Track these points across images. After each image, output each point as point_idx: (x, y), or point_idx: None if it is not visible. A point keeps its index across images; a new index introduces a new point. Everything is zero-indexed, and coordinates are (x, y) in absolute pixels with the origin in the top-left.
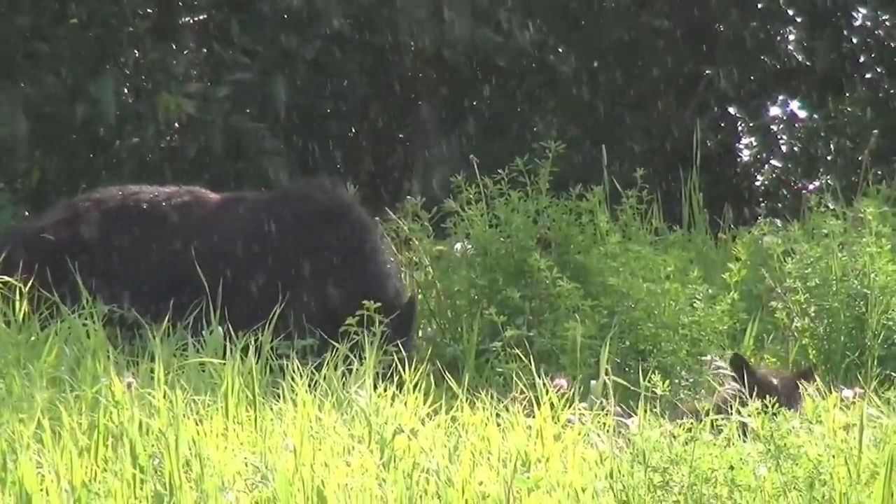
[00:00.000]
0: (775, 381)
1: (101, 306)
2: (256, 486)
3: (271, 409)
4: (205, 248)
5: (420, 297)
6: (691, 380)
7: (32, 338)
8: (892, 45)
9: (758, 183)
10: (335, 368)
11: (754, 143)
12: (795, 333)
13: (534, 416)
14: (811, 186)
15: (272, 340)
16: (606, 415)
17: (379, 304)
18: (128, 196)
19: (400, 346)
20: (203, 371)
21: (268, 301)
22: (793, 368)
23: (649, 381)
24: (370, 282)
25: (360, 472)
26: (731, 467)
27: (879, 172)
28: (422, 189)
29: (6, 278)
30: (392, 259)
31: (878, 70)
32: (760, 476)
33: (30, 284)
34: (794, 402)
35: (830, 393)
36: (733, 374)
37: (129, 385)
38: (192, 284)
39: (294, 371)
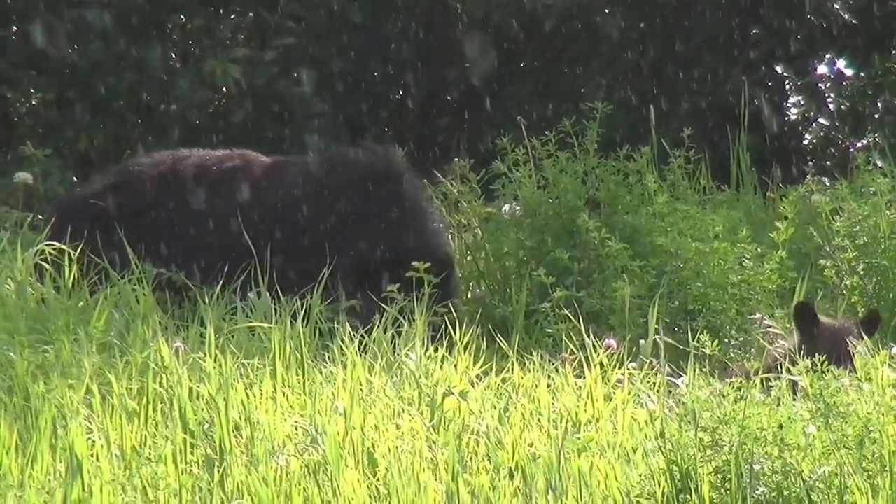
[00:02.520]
0: (844, 327)
1: (151, 270)
2: (306, 449)
3: (321, 372)
4: (256, 211)
5: (469, 258)
6: (741, 339)
7: (82, 303)
8: None
9: (805, 141)
10: (384, 331)
11: (802, 102)
12: (844, 291)
13: (583, 377)
14: (859, 144)
15: (321, 304)
16: (656, 375)
17: (428, 263)
18: (179, 160)
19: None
20: (253, 335)
21: (318, 264)
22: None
23: (698, 341)
24: (420, 242)
25: (411, 435)
26: (781, 426)
27: None
28: (470, 151)
29: (57, 244)
30: (441, 220)
31: None
32: (810, 435)
33: (80, 250)
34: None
35: (880, 350)
36: (798, 322)
37: (176, 350)
38: (243, 248)
39: (344, 334)
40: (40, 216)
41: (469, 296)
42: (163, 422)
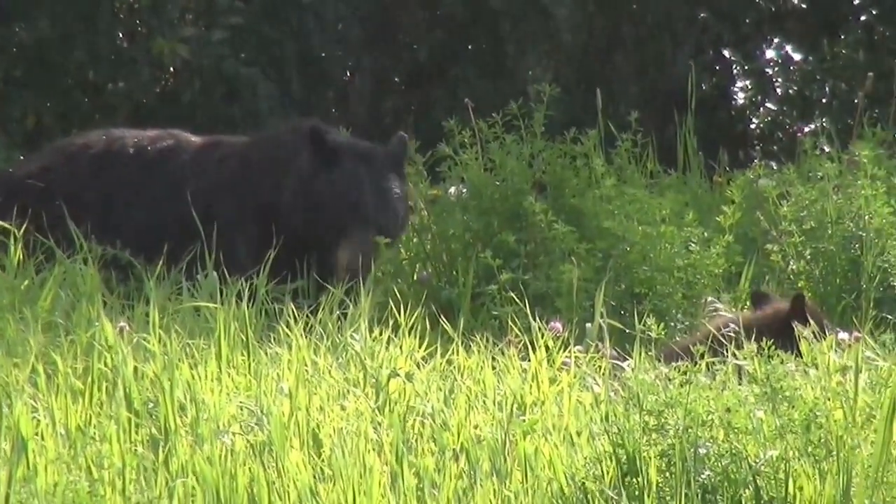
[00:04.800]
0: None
1: (97, 249)
2: (252, 429)
3: (266, 353)
4: (190, 191)
5: (415, 240)
6: (686, 323)
7: (27, 283)
8: None
9: (753, 126)
10: (330, 312)
11: (749, 86)
12: (791, 276)
13: (529, 360)
14: (806, 129)
15: (267, 284)
16: (602, 358)
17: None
18: (112, 140)
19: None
20: (198, 315)
21: (253, 243)
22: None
23: (644, 324)
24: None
25: (356, 416)
26: (728, 410)
27: (874, 115)
28: (416, 133)
29: (1, 223)
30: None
31: (873, 12)
32: (757, 419)
33: (23, 229)
34: None
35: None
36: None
37: (121, 330)
38: (176, 228)
39: (289, 315)
40: None
41: (415, 278)
42: (108, 401)
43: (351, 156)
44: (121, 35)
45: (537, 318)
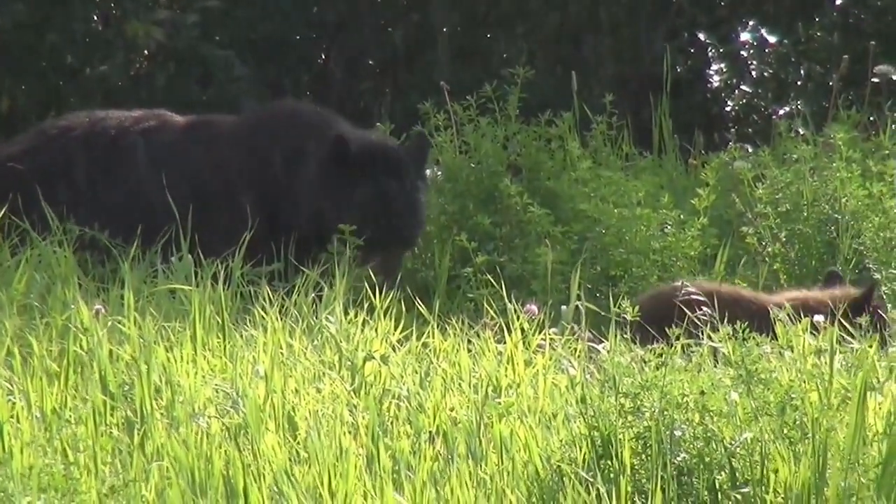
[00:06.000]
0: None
1: (72, 229)
2: (227, 412)
3: (241, 335)
4: (175, 171)
5: None
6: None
7: (2, 265)
8: None
9: (728, 108)
10: (306, 294)
11: (724, 69)
12: (767, 258)
13: (505, 342)
14: (781, 112)
15: (242, 266)
16: (577, 340)
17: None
18: (95, 122)
19: None
20: (174, 298)
21: (238, 226)
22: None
23: (619, 307)
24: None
25: (331, 399)
26: (703, 392)
27: (849, 97)
28: (391, 116)
29: None
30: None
31: None
32: (732, 401)
33: (1, 212)
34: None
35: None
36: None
37: (96, 312)
38: (160, 210)
39: (264, 298)
40: None
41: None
42: (83, 384)
43: (380, 167)
44: (95, 18)
45: (513, 301)
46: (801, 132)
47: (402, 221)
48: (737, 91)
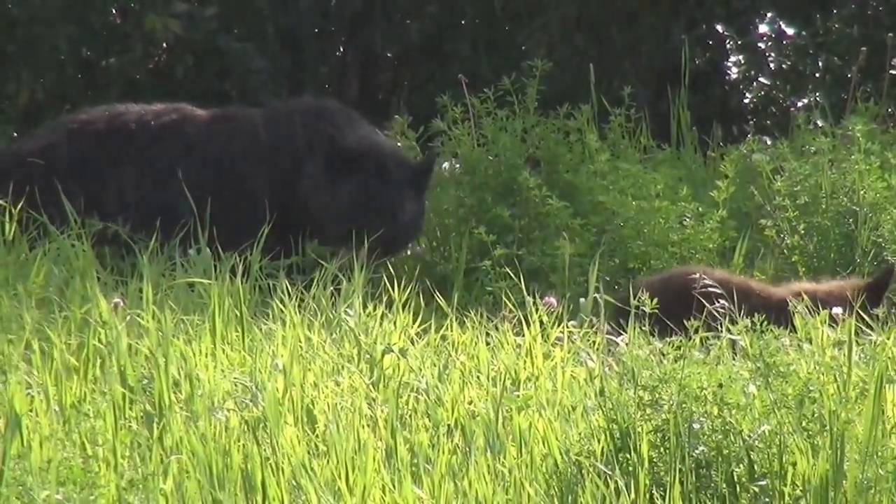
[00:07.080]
0: None
1: (92, 224)
2: (246, 406)
3: (260, 329)
4: (196, 165)
5: None
6: None
7: (21, 258)
8: None
9: (746, 101)
10: (324, 288)
11: (742, 61)
12: (785, 251)
13: (523, 335)
14: (800, 104)
15: (261, 260)
16: (596, 333)
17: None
18: (115, 115)
19: None
20: (192, 291)
21: (257, 219)
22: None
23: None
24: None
25: (350, 392)
26: (721, 385)
27: (868, 89)
28: (410, 108)
29: None
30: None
31: None
32: (750, 394)
33: (20, 206)
34: None
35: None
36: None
37: (115, 306)
38: (181, 204)
39: (283, 291)
40: None
41: (409, 253)
42: (102, 377)
43: (370, 170)
44: (114, 11)
45: (531, 294)
46: (820, 124)
47: (381, 223)
48: (755, 83)
